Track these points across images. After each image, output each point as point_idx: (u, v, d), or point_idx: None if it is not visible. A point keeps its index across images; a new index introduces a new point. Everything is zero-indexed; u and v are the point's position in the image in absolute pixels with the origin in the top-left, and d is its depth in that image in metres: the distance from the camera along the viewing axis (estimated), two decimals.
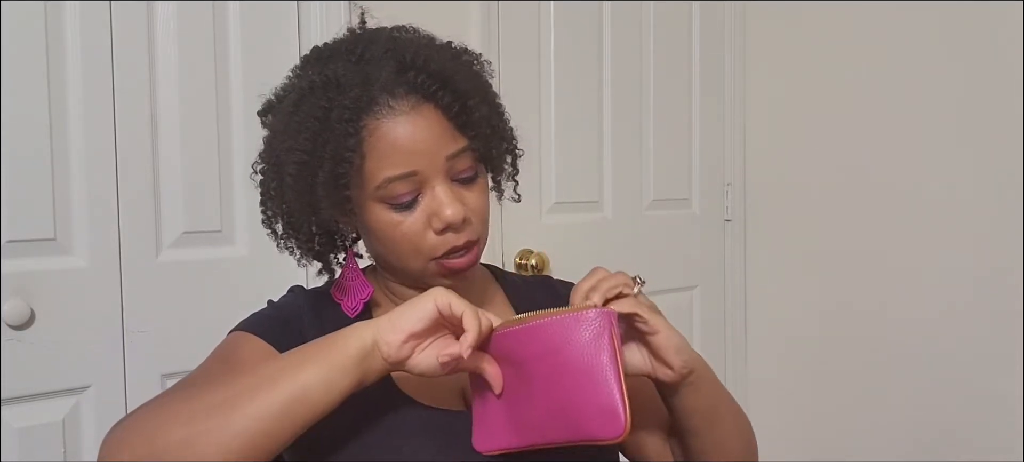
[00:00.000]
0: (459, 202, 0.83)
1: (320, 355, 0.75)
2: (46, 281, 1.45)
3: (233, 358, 0.86)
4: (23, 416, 1.43)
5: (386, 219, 0.84)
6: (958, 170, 1.99)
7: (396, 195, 0.82)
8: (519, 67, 2.02)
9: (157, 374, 1.56)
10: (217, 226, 1.63)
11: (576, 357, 0.72)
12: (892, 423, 2.14)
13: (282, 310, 0.92)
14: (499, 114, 0.90)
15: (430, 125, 0.82)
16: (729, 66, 2.43)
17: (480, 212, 0.87)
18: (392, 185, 0.82)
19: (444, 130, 0.83)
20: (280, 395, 0.73)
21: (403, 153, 0.81)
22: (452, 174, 0.84)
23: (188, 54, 1.58)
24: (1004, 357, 1.92)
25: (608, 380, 0.70)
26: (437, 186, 0.83)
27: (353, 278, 0.92)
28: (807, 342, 2.33)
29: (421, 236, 0.84)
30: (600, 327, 0.72)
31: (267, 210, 0.91)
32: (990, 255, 1.95)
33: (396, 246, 0.85)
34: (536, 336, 0.75)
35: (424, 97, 0.82)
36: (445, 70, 0.83)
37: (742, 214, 2.47)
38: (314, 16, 1.69)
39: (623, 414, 0.70)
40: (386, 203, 0.83)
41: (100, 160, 1.49)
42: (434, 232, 0.84)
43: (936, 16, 2.00)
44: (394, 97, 0.81)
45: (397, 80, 0.82)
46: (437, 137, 0.82)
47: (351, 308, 0.91)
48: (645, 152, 2.28)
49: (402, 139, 0.81)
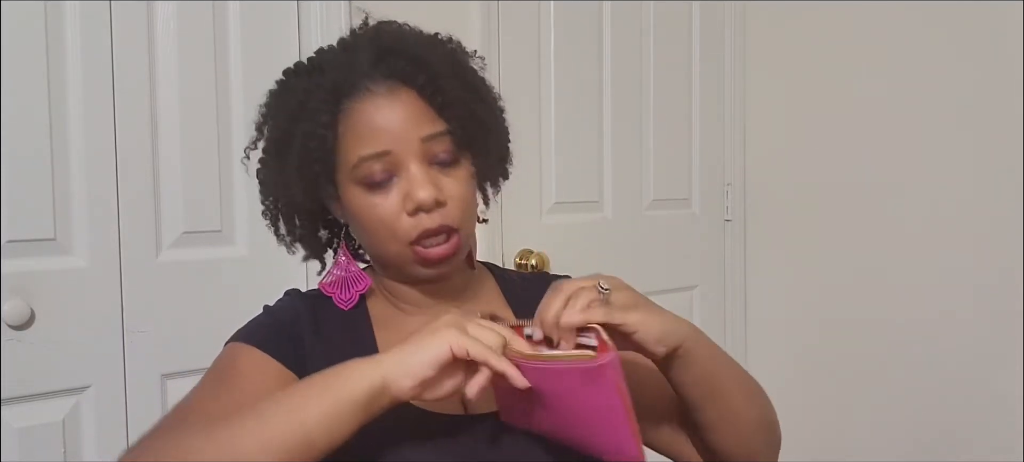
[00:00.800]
0: (432, 184, 0.83)
1: (325, 395, 0.72)
2: (46, 281, 1.45)
3: (231, 373, 0.84)
4: (23, 416, 1.43)
5: (363, 202, 0.84)
6: (958, 170, 1.99)
7: (370, 175, 0.83)
8: (519, 67, 2.02)
9: (157, 374, 1.56)
10: (217, 226, 1.63)
11: (590, 401, 0.75)
12: (892, 423, 2.14)
13: (277, 315, 0.91)
14: (481, 101, 0.89)
15: (405, 106, 0.83)
16: (729, 66, 2.43)
17: (458, 198, 0.85)
18: (365, 164, 0.83)
19: (420, 112, 0.83)
20: (282, 438, 0.71)
21: (377, 133, 0.82)
22: (429, 158, 0.84)
23: (188, 54, 1.58)
24: (1004, 357, 1.92)
25: (622, 422, 0.74)
26: (412, 167, 0.83)
27: (347, 269, 0.91)
28: (807, 342, 2.33)
29: (396, 218, 0.84)
30: (611, 375, 0.73)
31: (263, 199, 0.93)
32: (990, 255, 1.95)
33: (373, 230, 0.86)
34: (549, 377, 0.75)
35: (401, 80, 0.84)
36: (423, 55, 0.85)
37: (742, 214, 2.47)
38: (314, 16, 1.69)
39: (637, 450, 0.75)
40: (362, 185, 0.84)
41: (100, 160, 1.49)
42: (407, 214, 0.83)
43: (936, 16, 2.00)
44: (373, 81, 0.83)
45: (376, 65, 0.84)
46: (411, 118, 0.83)
47: (346, 301, 0.91)
48: (645, 152, 2.28)
49: (376, 119, 0.83)
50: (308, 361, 0.85)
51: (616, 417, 0.73)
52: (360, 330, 0.91)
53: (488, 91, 0.92)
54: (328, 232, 0.96)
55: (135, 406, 1.53)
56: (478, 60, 0.93)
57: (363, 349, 0.86)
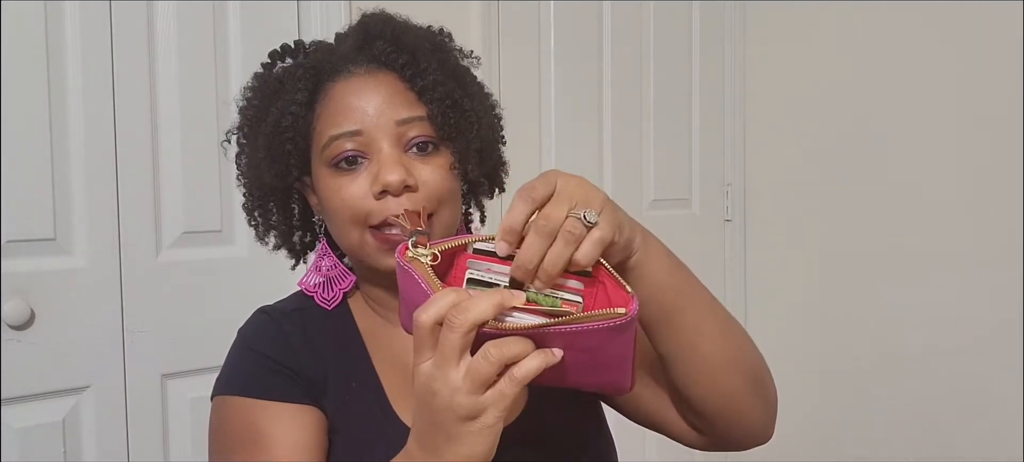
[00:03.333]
0: (402, 166, 0.78)
1: None
2: (46, 281, 1.45)
3: (253, 441, 0.80)
4: (23, 416, 1.43)
5: (331, 184, 0.80)
6: (958, 170, 1.99)
7: (339, 153, 0.79)
8: (519, 67, 2.02)
9: (157, 374, 1.56)
10: (217, 226, 1.63)
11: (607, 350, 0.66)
12: (892, 423, 2.14)
13: (266, 351, 0.84)
14: (465, 92, 0.84)
15: (381, 87, 0.80)
16: (729, 66, 2.43)
17: (430, 186, 0.79)
18: (335, 143, 0.79)
19: (398, 95, 0.80)
20: None
21: (351, 112, 0.80)
22: (404, 142, 0.80)
23: (188, 54, 1.58)
24: (1004, 357, 1.92)
25: (630, 359, 0.67)
26: (384, 149, 0.79)
27: (330, 269, 0.88)
28: (807, 342, 2.33)
29: (361, 201, 0.79)
30: (635, 322, 0.65)
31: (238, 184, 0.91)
32: (990, 255, 1.95)
33: (337, 215, 0.81)
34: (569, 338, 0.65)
35: (381, 64, 0.82)
36: (405, 40, 0.83)
37: (742, 214, 2.47)
38: (314, 16, 1.69)
39: (634, 380, 0.69)
40: (331, 167, 0.80)
41: (100, 160, 1.49)
42: (374, 197, 0.78)
43: (936, 16, 2.00)
44: (354, 63, 0.82)
45: (360, 49, 0.83)
46: (387, 99, 0.80)
47: (329, 300, 0.88)
48: (645, 152, 2.28)
49: (352, 99, 0.80)
50: (314, 384, 0.83)
51: (627, 358, 0.67)
52: (350, 340, 0.87)
53: (477, 86, 0.88)
54: (310, 235, 0.92)
55: (135, 406, 1.53)
56: (472, 59, 0.90)
57: (358, 362, 0.85)
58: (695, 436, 0.84)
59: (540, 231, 0.64)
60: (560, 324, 0.62)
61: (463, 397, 0.60)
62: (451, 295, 0.61)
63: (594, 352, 0.65)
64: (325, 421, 0.83)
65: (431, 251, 0.67)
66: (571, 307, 0.66)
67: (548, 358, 0.61)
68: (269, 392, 0.81)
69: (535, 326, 0.62)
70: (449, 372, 0.60)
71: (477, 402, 0.61)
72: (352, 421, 0.82)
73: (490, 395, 0.61)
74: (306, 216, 0.91)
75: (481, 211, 0.95)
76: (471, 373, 0.60)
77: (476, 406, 0.61)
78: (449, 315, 0.60)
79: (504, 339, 0.61)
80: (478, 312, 0.59)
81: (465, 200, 0.90)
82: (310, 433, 0.80)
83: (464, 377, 0.60)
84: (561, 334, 0.62)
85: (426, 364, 0.62)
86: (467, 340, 0.60)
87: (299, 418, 0.81)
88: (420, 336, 0.61)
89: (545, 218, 0.65)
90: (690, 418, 0.82)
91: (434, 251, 0.67)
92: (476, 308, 0.59)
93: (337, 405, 0.83)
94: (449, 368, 0.60)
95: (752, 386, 0.80)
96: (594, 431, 0.91)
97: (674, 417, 0.84)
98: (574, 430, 0.88)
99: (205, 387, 0.88)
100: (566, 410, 0.85)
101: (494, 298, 0.60)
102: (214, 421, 0.84)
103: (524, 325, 0.62)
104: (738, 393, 0.79)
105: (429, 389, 0.62)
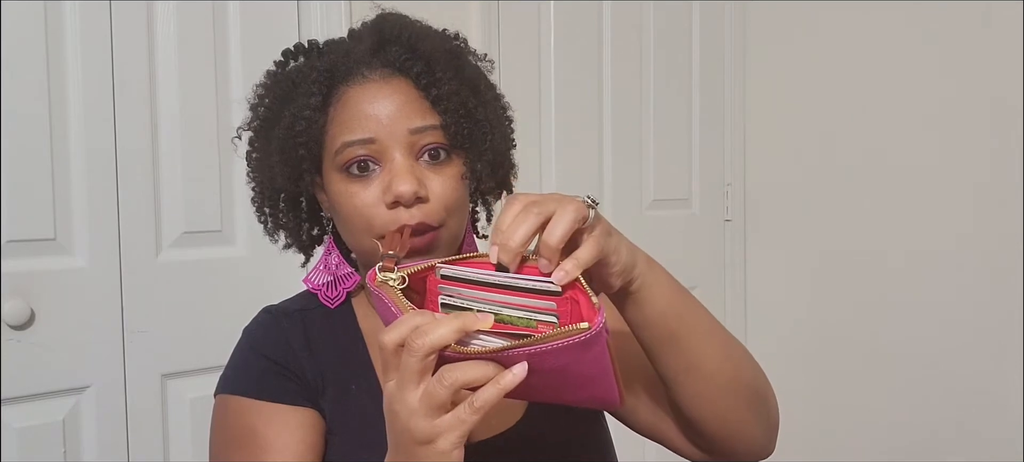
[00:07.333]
0: (415, 177, 0.78)
1: None
2: (46, 281, 1.45)
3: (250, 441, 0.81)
4: (23, 416, 1.43)
5: (343, 190, 0.80)
6: (958, 170, 1.99)
7: (352, 159, 0.79)
8: (519, 67, 2.02)
9: (157, 374, 1.56)
10: (217, 226, 1.63)
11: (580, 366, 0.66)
12: (892, 423, 2.14)
13: (268, 352, 0.85)
14: (480, 100, 0.84)
15: (396, 95, 0.80)
16: (729, 66, 2.43)
17: (442, 196, 0.79)
18: (348, 149, 0.79)
19: (412, 103, 0.80)
20: None
21: (364, 119, 0.79)
22: (417, 151, 0.80)
23: (188, 54, 1.58)
24: (1004, 357, 1.92)
25: (609, 372, 0.67)
26: (396, 158, 0.78)
27: (337, 266, 0.89)
28: (807, 342, 2.33)
29: (373, 210, 0.79)
30: (604, 336, 0.64)
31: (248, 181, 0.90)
32: (990, 255, 1.95)
33: (349, 221, 0.81)
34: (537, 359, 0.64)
35: (397, 70, 0.81)
36: (421, 46, 0.82)
37: (742, 214, 2.47)
38: (314, 16, 1.69)
39: (621, 394, 0.68)
40: (343, 172, 0.80)
41: (100, 160, 1.49)
42: (386, 206, 0.78)
43: (936, 16, 2.00)
44: (369, 68, 0.81)
45: (375, 53, 0.82)
46: (400, 107, 0.79)
47: (333, 299, 0.88)
48: (645, 152, 2.28)
49: (366, 106, 0.79)
50: (312, 386, 0.83)
51: (605, 372, 0.66)
52: (351, 341, 0.88)
53: (492, 93, 0.88)
54: (317, 229, 0.92)
55: (135, 406, 1.53)
56: (487, 63, 0.90)
57: (358, 362, 0.85)
58: (696, 451, 0.84)
59: (529, 210, 0.64)
60: (522, 346, 0.61)
61: (419, 420, 0.61)
62: (416, 318, 0.61)
63: (565, 371, 0.64)
64: (322, 423, 0.83)
65: (400, 274, 0.68)
66: (547, 328, 0.66)
67: (507, 382, 0.60)
68: (266, 393, 0.82)
69: (496, 350, 0.61)
70: (407, 395, 0.61)
71: (433, 426, 0.60)
72: (350, 422, 0.83)
73: (447, 420, 0.61)
74: (313, 209, 0.91)
75: (487, 210, 0.95)
76: (426, 396, 0.60)
77: (432, 430, 0.61)
78: (409, 338, 0.60)
79: (462, 363, 0.60)
80: (437, 336, 0.59)
81: (471, 199, 0.90)
82: (305, 435, 0.81)
83: (420, 400, 0.60)
84: (524, 355, 0.61)
85: (391, 384, 0.62)
86: (426, 364, 0.60)
87: (295, 420, 0.82)
88: (385, 357, 0.62)
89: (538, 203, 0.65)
90: (691, 435, 0.82)
91: (403, 274, 0.68)
92: (436, 332, 0.59)
93: (335, 406, 0.83)
94: (407, 391, 0.61)
95: (753, 405, 0.79)
96: (593, 434, 0.92)
97: (675, 433, 0.84)
98: (573, 433, 0.88)
99: (205, 387, 0.89)
100: (565, 413, 0.85)
101: (455, 323, 0.60)
102: (215, 419, 0.85)
103: (486, 349, 0.61)
104: (739, 413, 0.78)
105: (391, 409, 0.63)
